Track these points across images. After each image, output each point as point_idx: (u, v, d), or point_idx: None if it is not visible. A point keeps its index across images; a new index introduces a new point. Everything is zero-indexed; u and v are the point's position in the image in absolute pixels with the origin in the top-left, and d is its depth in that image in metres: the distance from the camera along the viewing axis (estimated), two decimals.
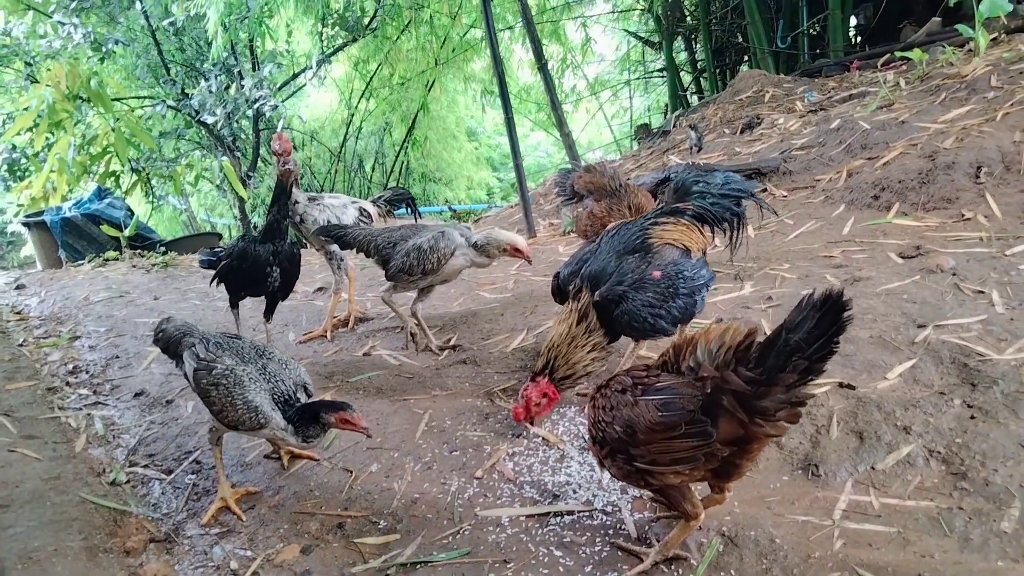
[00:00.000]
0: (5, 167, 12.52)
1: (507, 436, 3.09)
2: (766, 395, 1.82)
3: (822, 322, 1.70)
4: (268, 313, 4.20)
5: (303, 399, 2.76)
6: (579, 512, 2.52)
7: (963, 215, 4.34)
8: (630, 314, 2.72)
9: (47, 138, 8.86)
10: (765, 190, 5.75)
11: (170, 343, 3.09)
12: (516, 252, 3.62)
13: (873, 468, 2.53)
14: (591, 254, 2.99)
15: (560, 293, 3.10)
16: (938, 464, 2.49)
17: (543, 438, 3.01)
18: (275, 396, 2.69)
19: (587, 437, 2.39)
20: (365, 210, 4.71)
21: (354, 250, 4.21)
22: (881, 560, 2.10)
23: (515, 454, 2.93)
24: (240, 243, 4.07)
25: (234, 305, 4.16)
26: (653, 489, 2.14)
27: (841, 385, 2.92)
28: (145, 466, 3.31)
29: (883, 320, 3.29)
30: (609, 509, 2.51)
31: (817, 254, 4.35)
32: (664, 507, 2.48)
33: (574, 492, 2.64)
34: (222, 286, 4.10)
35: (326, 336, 4.60)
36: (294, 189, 4.27)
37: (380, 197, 4.99)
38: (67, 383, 4.35)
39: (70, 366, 4.64)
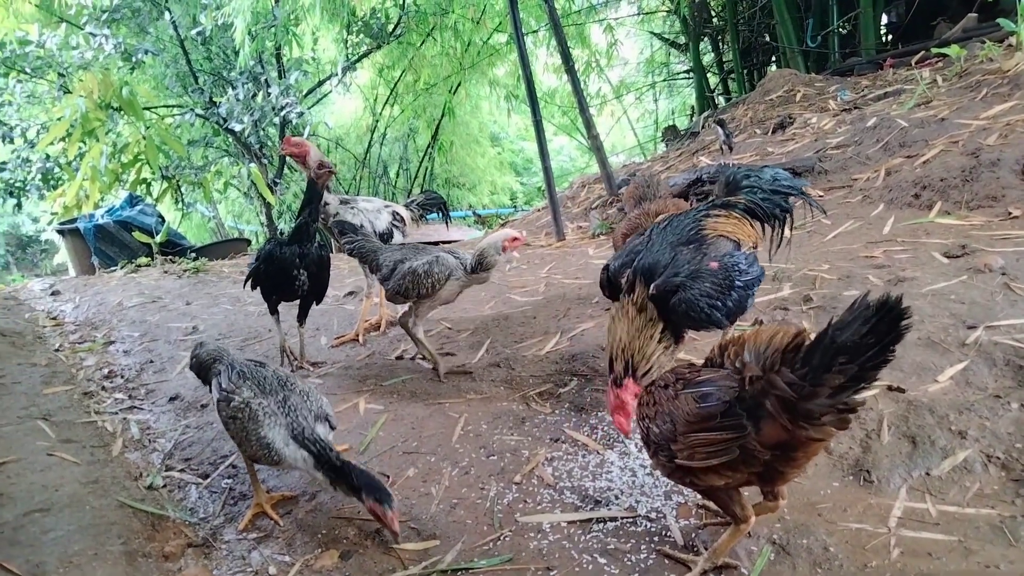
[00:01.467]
0: (39, 176, 12.75)
1: (544, 441, 3.04)
2: (812, 397, 1.72)
3: (877, 328, 1.60)
4: (301, 317, 4.19)
5: (324, 431, 2.68)
6: (622, 518, 2.46)
7: (1010, 213, 4.22)
8: (688, 303, 2.65)
9: (79, 147, 9.01)
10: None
11: (202, 369, 3.06)
12: (514, 241, 3.59)
13: (928, 474, 2.45)
14: (643, 246, 2.93)
15: (610, 286, 3.03)
16: (997, 470, 2.40)
17: (582, 443, 2.95)
18: (293, 430, 2.61)
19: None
20: (398, 214, 4.69)
21: (359, 262, 4.20)
22: (942, 570, 2.02)
23: (554, 459, 2.88)
24: (267, 246, 4.07)
25: (273, 312, 4.15)
26: (700, 490, 2.09)
27: (890, 388, 2.83)
28: (181, 470, 3.30)
29: (931, 321, 3.19)
30: (653, 516, 2.45)
31: (857, 254, 4.25)
32: (711, 513, 2.41)
33: (616, 498, 2.58)
34: (257, 291, 4.10)
35: (358, 340, 4.58)
36: (326, 192, 4.26)
37: (413, 201, 4.97)
38: (103, 387, 4.38)
39: (105, 371, 4.67)
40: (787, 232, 3.23)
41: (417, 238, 5.04)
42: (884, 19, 10.55)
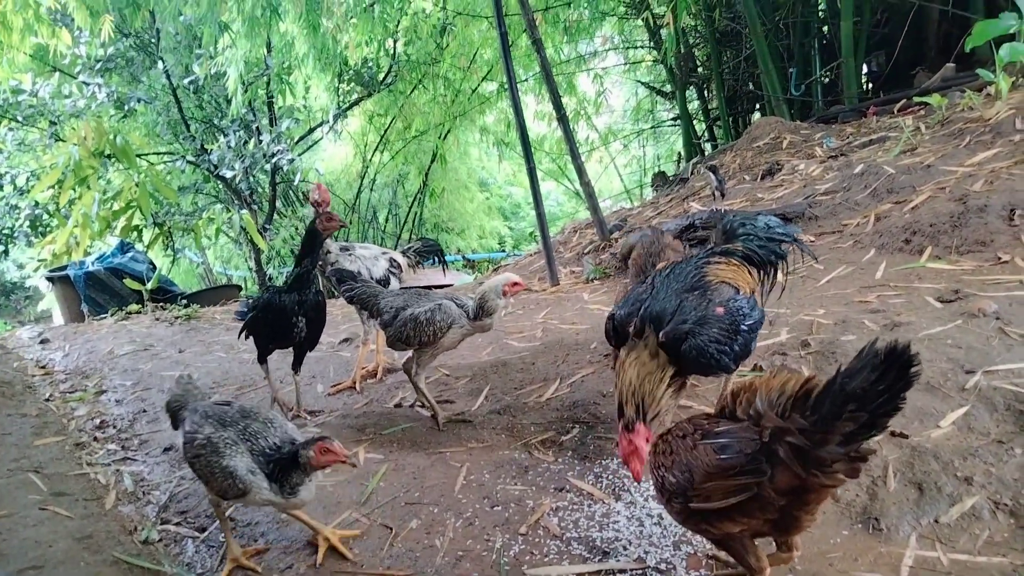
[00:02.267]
0: (27, 223, 12.74)
1: (549, 490, 3.01)
2: (822, 444, 1.75)
3: (887, 376, 1.63)
4: (296, 365, 4.17)
5: None
6: (631, 570, 2.42)
7: (999, 258, 4.28)
8: (698, 349, 2.67)
9: (71, 194, 9.00)
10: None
11: (175, 417, 3.01)
12: (515, 286, 3.57)
13: (937, 521, 2.44)
14: (647, 295, 2.95)
15: (616, 335, 3.02)
16: (1006, 517, 2.39)
17: (587, 492, 2.93)
18: (254, 454, 2.60)
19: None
20: (395, 261, 4.72)
21: (359, 307, 4.20)
22: None
23: (559, 509, 2.85)
24: (265, 294, 4.06)
25: (262, 360, 4.13)
26: (715, 539, 2.07)
27: (893, 434, 2.84)
28: (177, 523, 3.23)
29: (929, 366, 3.21)
30: (663, 567, 2.42)
31: (852, 299, 4.29)
32: (721, 563, 2.39)
33: (624, 549, 2.55)
34: (250, 338, 4.08)
35: (355, 388, 4.55)
36: (328, 239, 4.29)
37: (410, 248, 5.01)
38: (95, 438, 4.30)
39: (97, 421, 4.60)
40: (780, 278, 3.29)
41: (408, 282, 5.06)
42: (865, 68, 10.84)
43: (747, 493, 1.86)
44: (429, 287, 8.71)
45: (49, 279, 10.03)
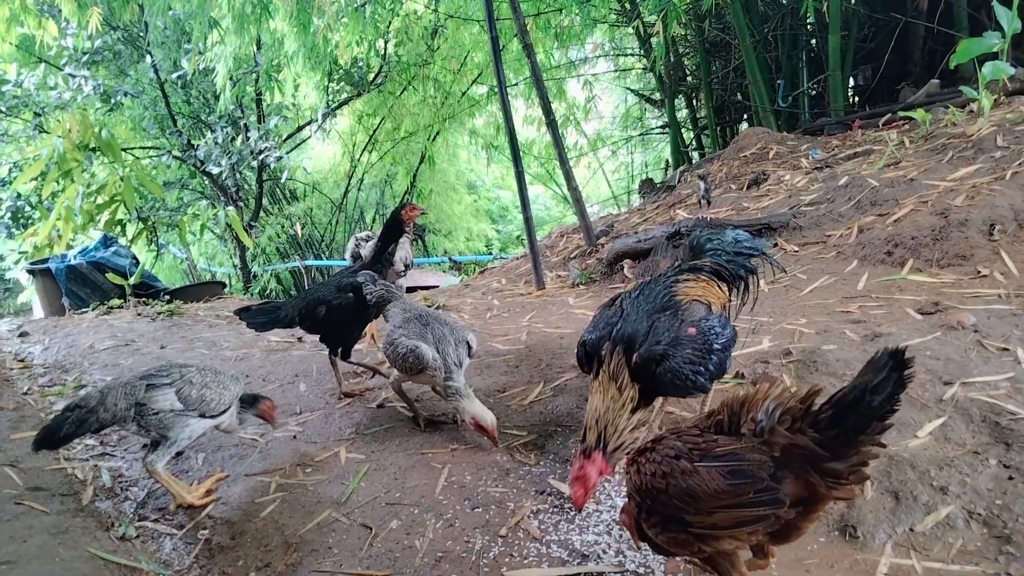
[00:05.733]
0: (8, 215, 12.60)
1: (530, 493, 3.02)
2: (842, 458, 1.75)
3: (889, 380, 1.67)
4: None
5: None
6: (610, 573, 2.44)
7: (979, 272, 4.35)
8: (673, 372, 2.67)
9: (54, 186, 8.90)
10: (776, 245, 5.77)
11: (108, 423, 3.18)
12: (480, 430, 3.38)
13: (912, 530, 2.47)
14: (617, 317, 2.92)
15: (588, 361, 2.96)
16: (979, 527, 2.42)
17: (569, 495, 2.94)
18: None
19: (625, 505, 2.24)
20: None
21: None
22: None
23: (539, 511, 2.86)
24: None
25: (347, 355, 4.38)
26: (703, 557, 2.04)
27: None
28: (155, 520, 3.21)
29: None
30: (641, 571, 2.44)
31: (833, 309, 4.33)
32: (700, 569, 2.40)
33: (604, 552, 2.56)
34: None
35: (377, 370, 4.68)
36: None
37: None
38: None
39: None
40: (752, 291, 3.32)
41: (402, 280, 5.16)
42: (851, 82, 10.96)
43: (766, 523, 1.84)
44: (414, 288, 8.72)
45: (30, 272, 9.90)
